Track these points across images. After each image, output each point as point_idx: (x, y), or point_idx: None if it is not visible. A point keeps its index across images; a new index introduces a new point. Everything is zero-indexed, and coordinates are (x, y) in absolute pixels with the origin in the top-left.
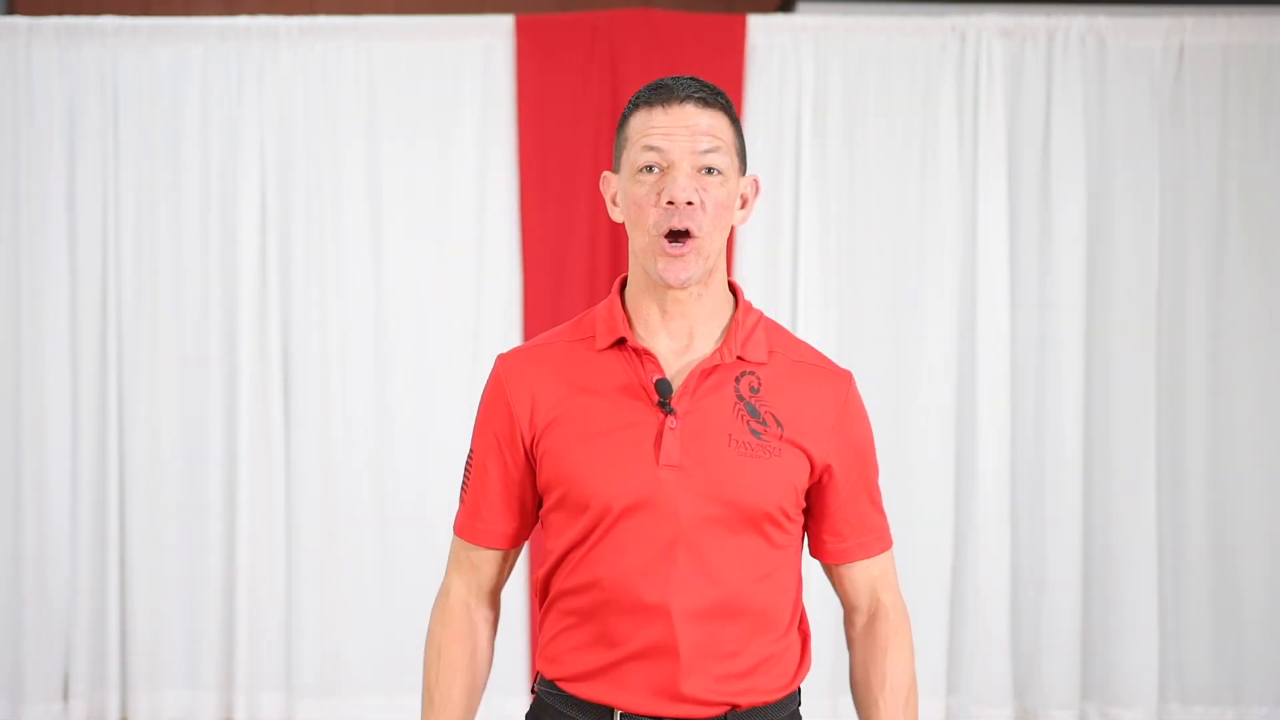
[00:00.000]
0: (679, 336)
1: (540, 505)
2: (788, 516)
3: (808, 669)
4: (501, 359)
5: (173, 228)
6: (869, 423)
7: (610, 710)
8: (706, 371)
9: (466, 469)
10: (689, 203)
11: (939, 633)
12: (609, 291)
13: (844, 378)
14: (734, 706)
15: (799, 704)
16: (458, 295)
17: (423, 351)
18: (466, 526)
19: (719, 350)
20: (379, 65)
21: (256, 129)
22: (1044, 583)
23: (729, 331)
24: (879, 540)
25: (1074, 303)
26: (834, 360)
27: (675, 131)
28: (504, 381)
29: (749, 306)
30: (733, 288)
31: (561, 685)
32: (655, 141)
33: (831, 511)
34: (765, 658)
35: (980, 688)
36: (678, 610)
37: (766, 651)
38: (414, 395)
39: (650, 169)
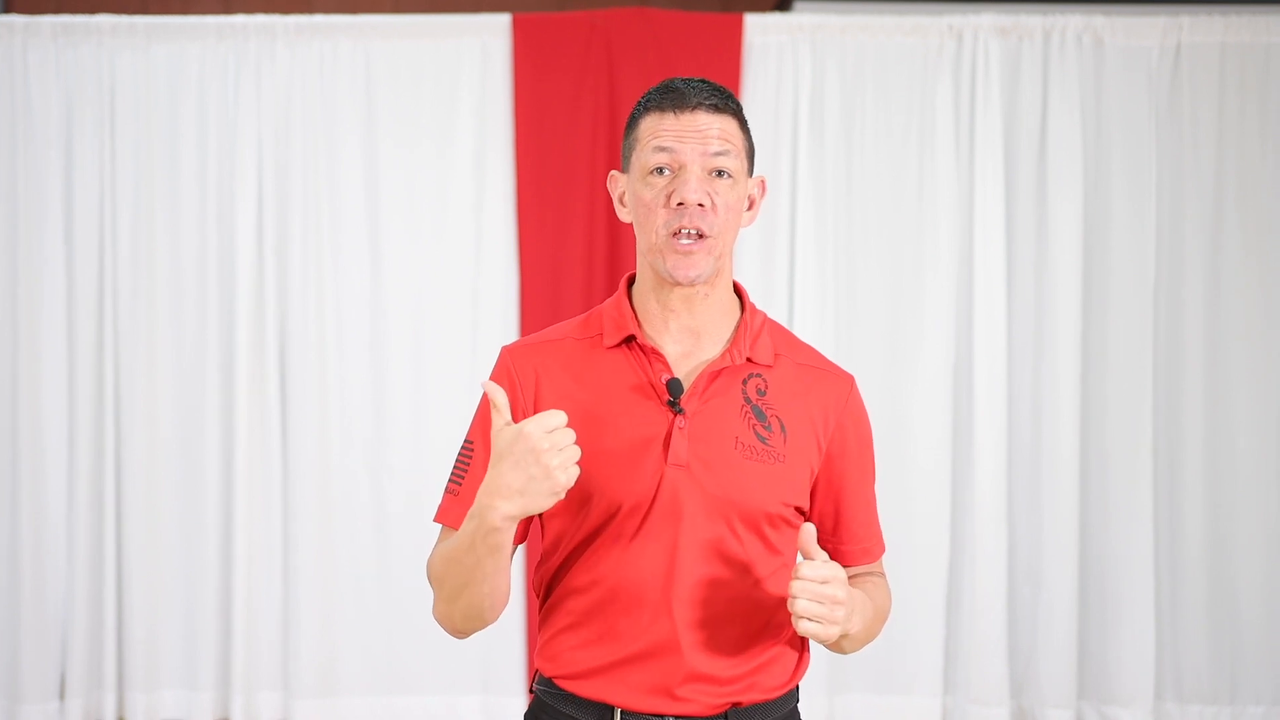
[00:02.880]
0: (686, 337)
1: None
2: (787, 521)
3: (806, 667)
4: (508, 350)
5: (170, 225)
6: (870, 427)
7: (611, 709)
8: (715, 373)
9: (465, 459)
10: (700, 204)
11: (936, 632)
12: (607, 288)
13: (847, 381)
14: (735, 704)
15: (797, 700)
16: (455, 293)
17: (420, 350)
18: (460, 518)
19: (728, 352)
20: (376, 64)
21: (254, 127)
22: (1040, 582)
23: (737, 333)
24: (875, 546)
25: (1070, 301)
26: (835, 362)
27: (687, 134)
28: (512, 372)
29: (754, 308)
30: (737, 289)
31: (560, 683)
32: (666, 143)
33: (830, 515)
34: (766, 657)
35: (977, 687)
36: (681, 610)
37: (767, 651)
38: (411, 394)
39: (660, 171)
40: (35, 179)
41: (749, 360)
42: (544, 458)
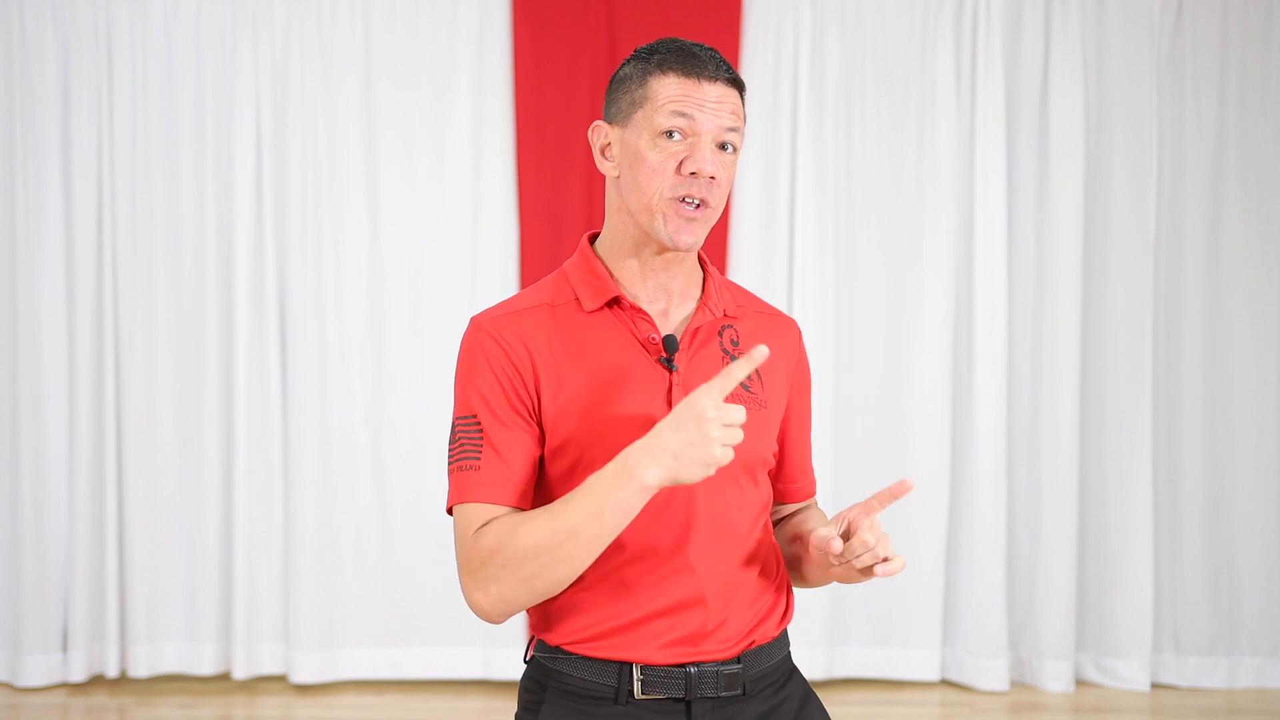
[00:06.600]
0: (662, 295)
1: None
2: (768, 463)
3: (794, 609)
4: (484, 320)
5: (169, 184)
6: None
7: (629, 666)
8: (696, 329)
9: (474, 434)
10: (711, 177)
11: (935, 584)
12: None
13: (795, 326)
14: (750, 645)
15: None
16: (454, 253)
17: (419, 305)
18: (492, 490)
19: (704, 307)
20: (374, 20)
21: (251, 85)
22: (1040, 535)
23: (706, 289)
24: (812, 484)
25: (1071, 257)
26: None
27: (707, 104)
28: (499, 341)
29: (710, 264)
30: None
31: (571, 649)
32: (687, 109)
33: (779, 454)
34: (768, 599)
35: (976, 638)
36: (700, 561)
37: (771, 592)
38: (410, 346)
39: (671, 134)
40: (33, 138)
41: (724, 313)
42: (706, 426)
